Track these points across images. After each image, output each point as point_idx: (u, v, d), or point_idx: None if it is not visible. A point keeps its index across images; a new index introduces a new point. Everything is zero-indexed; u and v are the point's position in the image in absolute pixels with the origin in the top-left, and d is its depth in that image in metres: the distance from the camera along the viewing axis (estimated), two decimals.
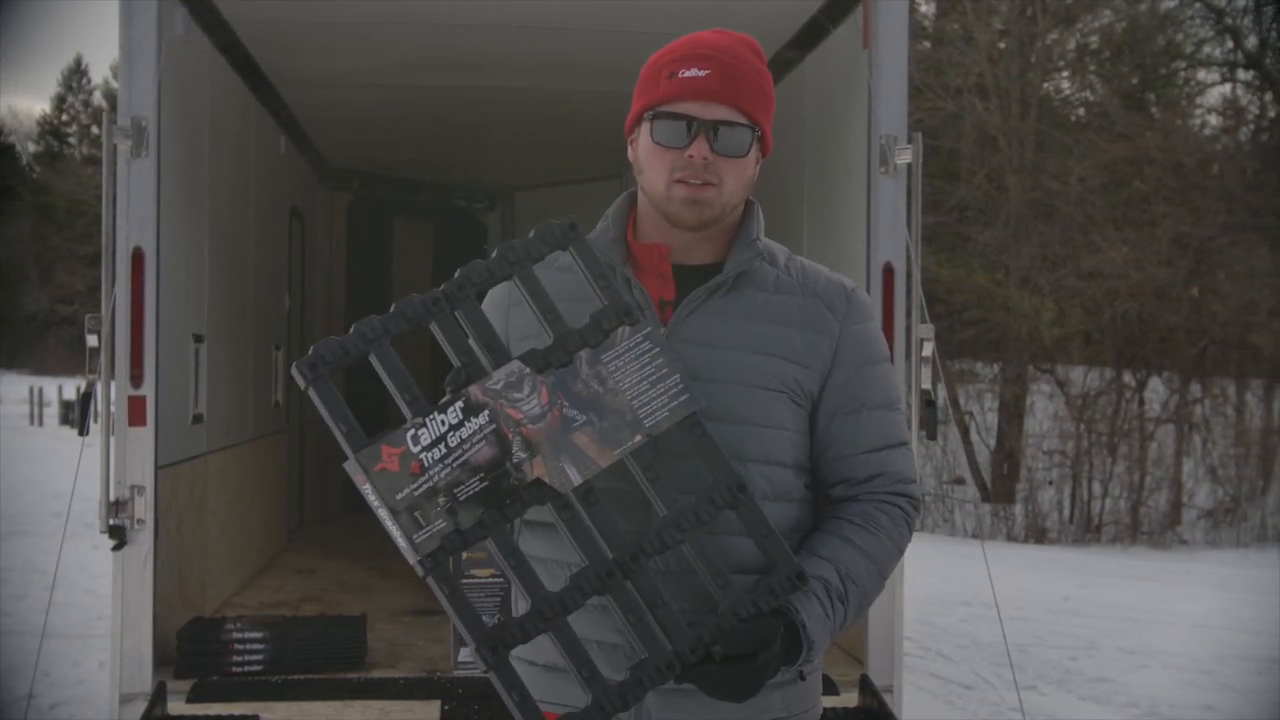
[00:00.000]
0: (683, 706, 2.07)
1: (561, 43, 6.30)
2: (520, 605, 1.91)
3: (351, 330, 1.90)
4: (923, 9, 23.00)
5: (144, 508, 4.60)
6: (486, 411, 1.88)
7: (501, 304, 2.18)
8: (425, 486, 1.84)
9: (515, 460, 1.88)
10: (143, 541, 4.60)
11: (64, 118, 70.33)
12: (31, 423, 33.57)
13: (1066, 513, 17.76)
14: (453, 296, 1.93)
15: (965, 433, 19.57)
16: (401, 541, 1.84)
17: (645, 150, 2.14)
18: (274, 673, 4.89)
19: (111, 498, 4.54)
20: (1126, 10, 21.53)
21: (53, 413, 35.02)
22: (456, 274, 1.95)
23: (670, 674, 1.88)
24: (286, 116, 7.95)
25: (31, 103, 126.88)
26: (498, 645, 1.85)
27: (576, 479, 1.89)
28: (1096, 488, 17.84)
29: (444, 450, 1.86)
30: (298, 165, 8.85)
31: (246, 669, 4.89)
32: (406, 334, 1.91)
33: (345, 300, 10.27)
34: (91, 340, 4.46)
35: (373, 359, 1.90)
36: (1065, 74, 22.61)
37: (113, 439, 4.55)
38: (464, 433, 1.87)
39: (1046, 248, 18.70)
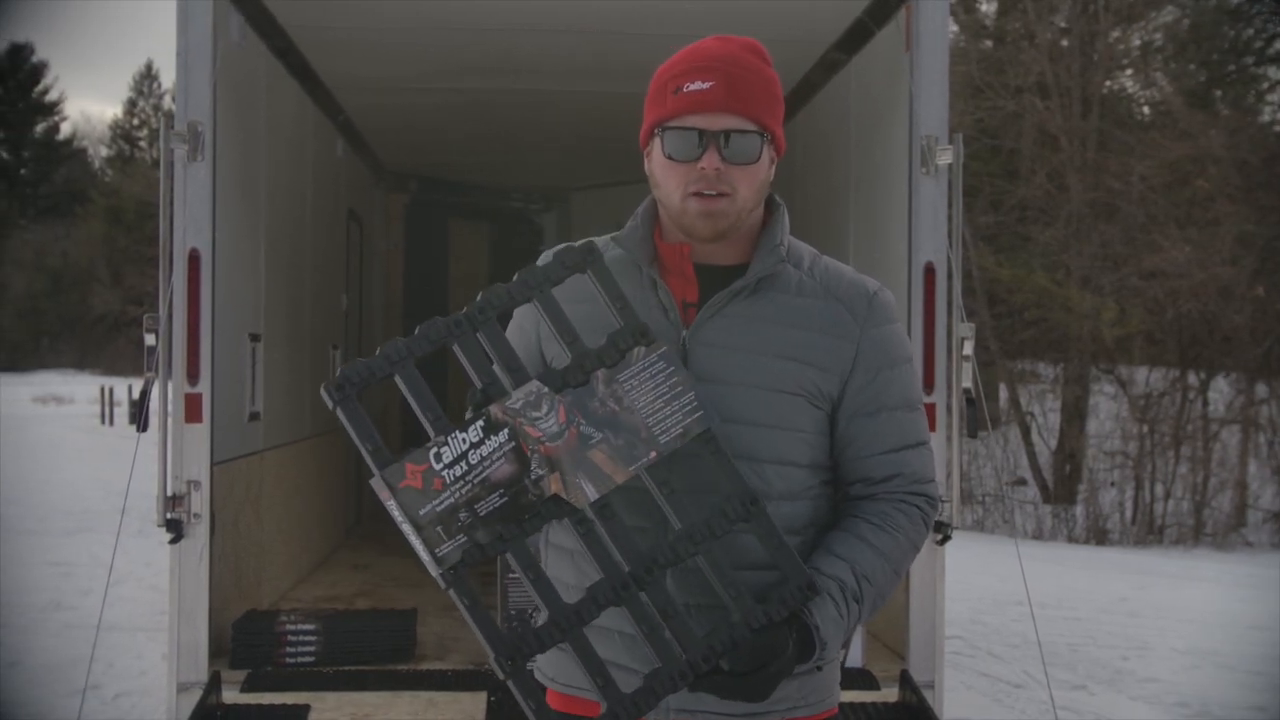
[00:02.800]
0: (700, 698, 2.13)
1: (611, 46, 6.38)
2: (539, 616, 1.99)
3: (378, 353, 1.99)
4: (984, 8, 22.89)
5: (199, 503, 4.72)
6: (506, 430, 1.96)
7: (534, 314, 2.19)
8: (447, 503, 1.93)
9: (534, 477, 1.96)
10: (198, 536, 4.73)
11: (134, 122, 71.42)
12: (102, 422, 34.12)
13: (1128, 514, 17.60)
14: (474, 319, 2.02)
15: (1026, 433, 19.46)
16: (424, 555, 1.93)
17: (659, 164, 2.19)
18: (325, 664, 5.01)
19: (168, 493, 4.67)
20: (1193, 6, 21.30)
21: (122, 412, 35.51)
22: (478, 298, 2.04)
23: (683, 683, 1.96)
24: (343, 120, 8.10)
25: (103, 107, 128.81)
26: (515, 655, 1.94)
27: (593, 495, 1.97)
28: (1159, 489, 17.67)
29: (465, 467, 1.94)
30: (355, 168, 9.00)
31: (299, 660, 5.02)
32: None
33: (402, 300, 10.42)
34: (149, 339, 4.59)
35: (398, 379, 1.99)
36: (1129, 72, 22.38)
37: (169, 435, 4.68)
38: (484, 450, 1.95)
39: (1108, 247, 18.54)
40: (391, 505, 1.93)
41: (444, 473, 1.93)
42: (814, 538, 2.19)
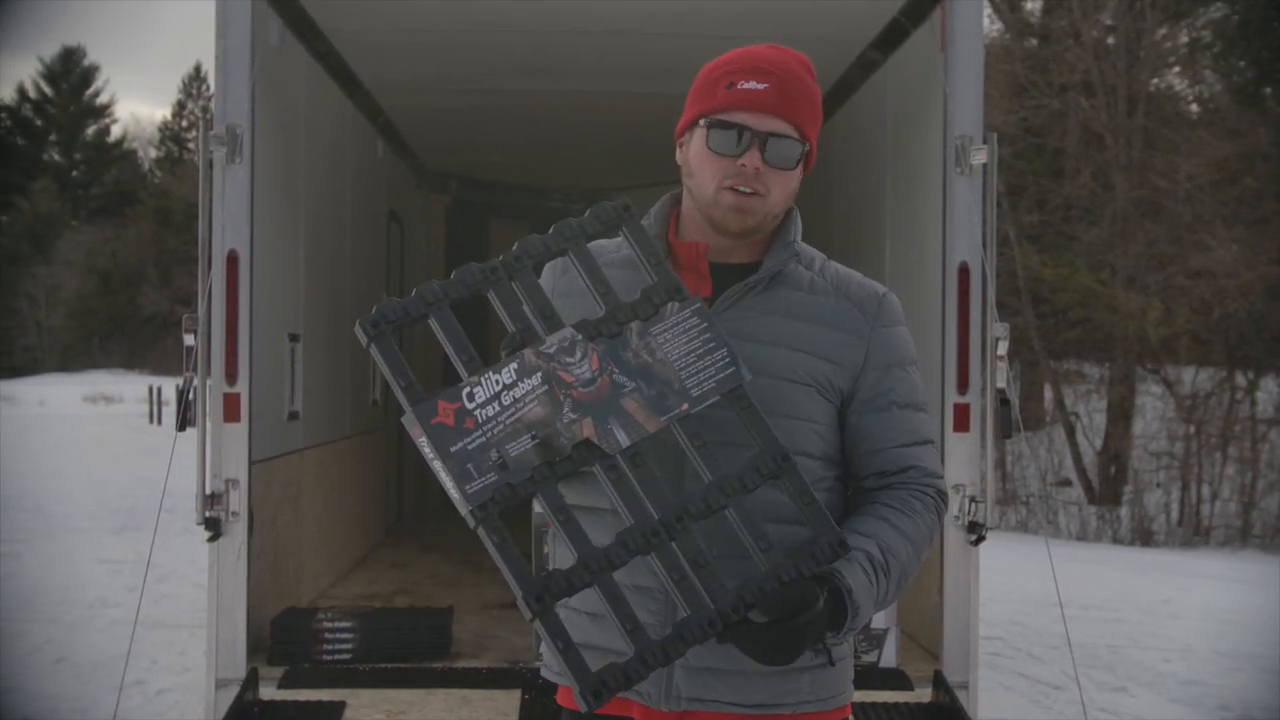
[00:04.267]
0: (712, 688, 2.15)
1: (650, 47, 6.40)
2: (566, 558, 1.98)
3: (413, 293, 2.01)
4: (1029, 6, 22.76)
5: (238, 501, 4.78)
6: (539, 374, 1.96)
7: (548, 291, 2.25)
8: (479, 441, 1.92)
9: (566, 420, 1.95)
10: (237, 534, 4.78)
11: (183, 123, 72.09)
12: (151, 421, 34.44)
13: (1174, 515, 17.45)
14: (510, 267, 2.03)
15: (1071, 434, 19.33)
16: (454, 492, 1.92)
17: (697, 155, 2.23)
18: (362, 661, 5.06)
19: (207, 491, 4.72)
20: (1242, 2, 21.09)
21: (170, 411, 35.71)
22: (515, 246, 2.05)
23: (712, 631, 1.93)
24: (384, 122, 8.15)
25: (153, 109, 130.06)
26: (543, 594, 1.91)
27: (625, 441, 1.96)
28: (1206, 490, 17.51)
29: (498, 407, 1.94)
30: (396, 169, 9.06)
31: (336, 657, 5.07)
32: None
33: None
34: (188, 339, 4.64)
35: (432, 321, 2.00)
36: (1175, 69, 22.19)
37: (208, 434, 4.74)
38: (517, 392, 1.95)
39: (1153, 246, 18.40)
40: (423, 441, 1.93)
41: (476, 412, 1.93)
42: None
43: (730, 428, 2.04)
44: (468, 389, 1.95)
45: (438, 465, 1.92)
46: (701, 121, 2.22)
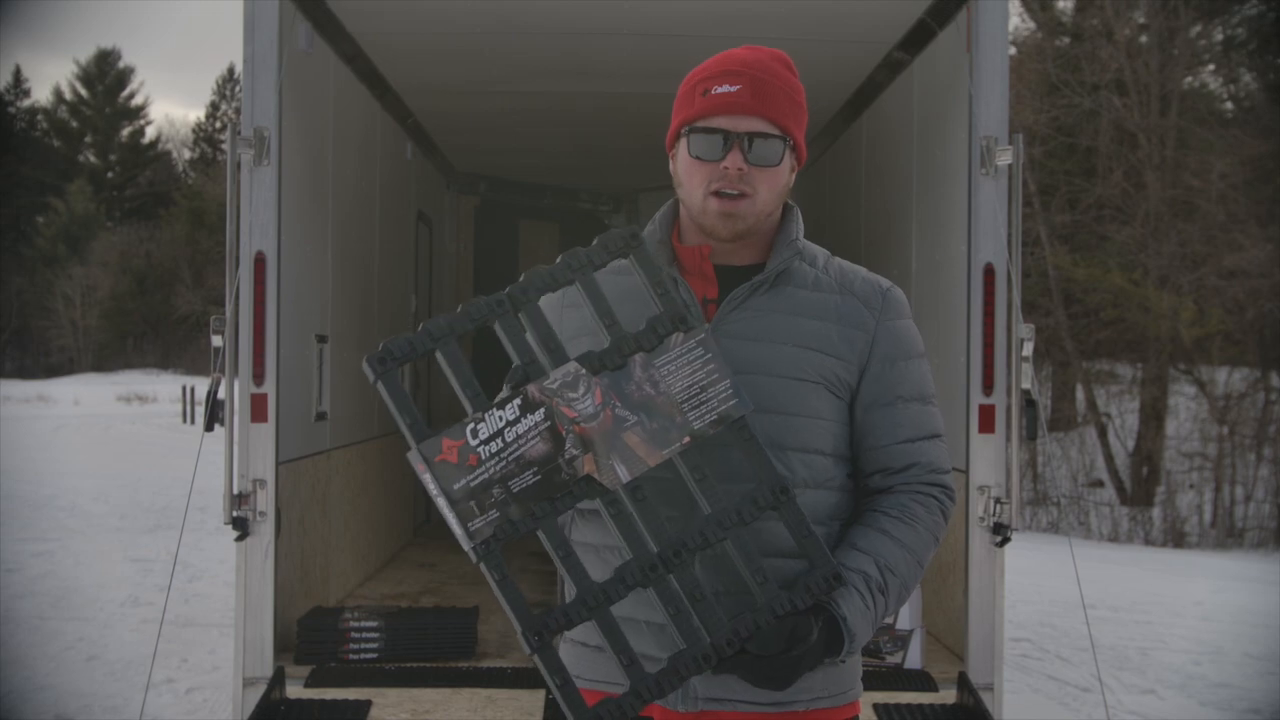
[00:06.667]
0: (729, 687, 2.17)
1: (679, 49, 6.39)
2: (567, 594, 2.02)
3: (420, 329, 2.04)
4: (1061, 4, 22.65)
5: (265, 501, 4.81)
6: (543, 409, 1.99)
7: (556, 304, 2.30)
8: (481, 478, 1.96)
9: (568, 456, 1.98)
10: (264, 533, 4.82)
11: (217, 125, 72.44)
12: (184, 420, 34.59)
13: (1207, 517, 17.34)
14: (516, 299, 2.05)
15: (1103, 434, 19.23)
16: (457, 529, 1.96)
17: (683, 164, 2.26)
18: (388, 660, 5.09)
19: (234, 491, 4.76)
20: None
21: (203, 411, 36.02)
22: (521, 278, 2.07)
23: (707, 665, 1.98)
24: (413, 124, 8.18)
25: (187, 110, 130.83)
26: (542, 630, 1.97)
27: (625, 477, 2.00)
28: (1239, 491, 17.39)
29: (500, 444, 1.98)
30: (424, 170, 9.09)
31: (362, 657, 5.10)
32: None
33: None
34: (216, 340, 4.68)
35: (439, 356, 2.03)
36: (1210, 67, 22.04)
37: (235, 435, 4.77)
38: (520, 428, 1.98)
39: (1186, 246, 18.28)
40: (427, 479, 1.97)
41: (479, 449, 1.97)
42: (839, 531, 2.23)
43: (734, 462, 2.07)
44: (472, 425, 1.98)
45: (442, 503, 1.97)
46: (683, 131, 2.26)
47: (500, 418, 1.99)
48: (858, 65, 6.49)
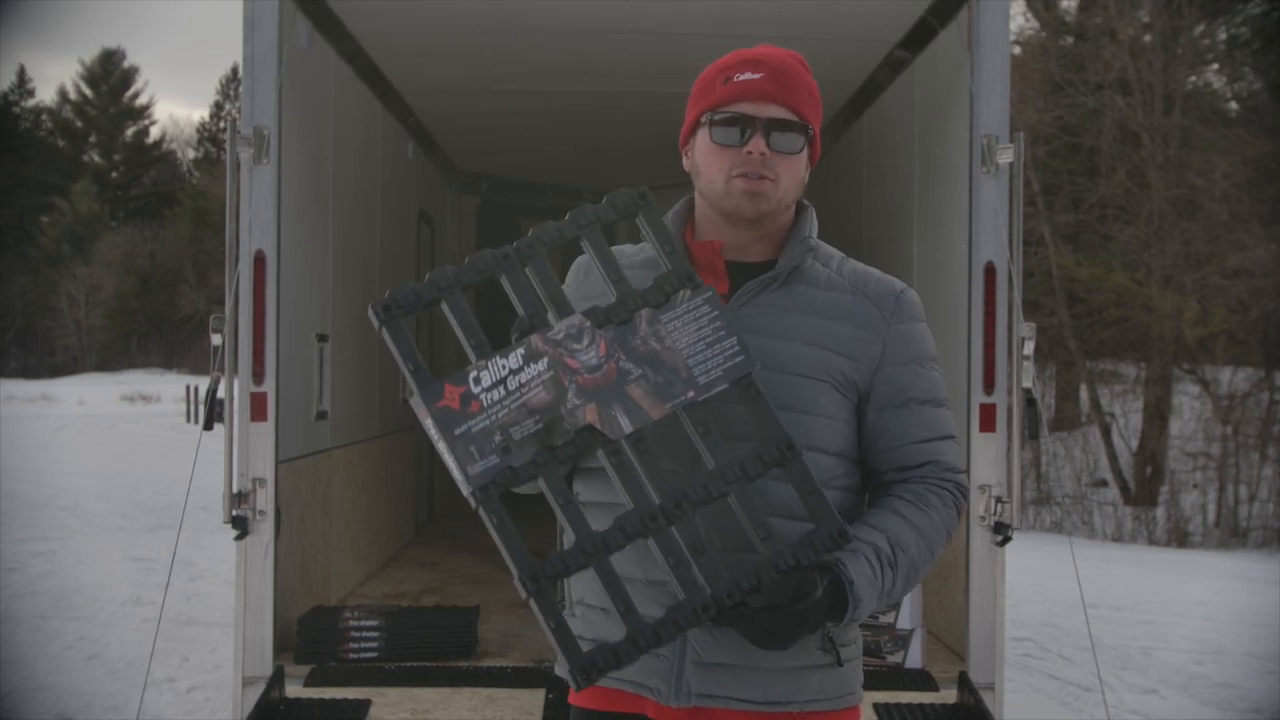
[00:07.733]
0: (723, 683, 2.16)
1: (681, 48, 6.38)
2: (566, 542, 1.99)
3: (426, 278, 2.03)
4: (1064, 3, 22.63)
5: (265, 500, 4.81)
6: (546, 359, 1.98)
7: (573, 282, 2.32)
8: (482, 424, 1.95)
9: (570, 406, 1.97)
10: (264, 532, 4.81)
11: (221, 125, 72.39)
12: (188, 420, 34.61)
13: (1210, 517, 17.32)
14: (523, 253, 2.05)
15: (1106, 434, 19.22)
16: (457, 473, 1.95)
17: (704, 152, 2.25)
18: (388, 660, 5.08)
19: (234, 490, 4.76)
20: None
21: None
22: (529, 232, 2.06)
23: (706, 616, 1.95)
24: (414, 123, 8.18)
25: (191, 110, 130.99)
26: (539, 575, 1.94)
27: (628, 427, 1.97)
28: (1243, 491, 17.37)
29: (503, 392, 1.97)
30: (426, 170, 9.09)
31: (362, 656, 5.09)
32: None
33: (475, 300, 10.51)
34: (215, 339, 4.67)
35: (444, 306, 2.02)
36: (1214, 67, 22.02)
37: (235, 434, 4.77)
38: (523, 377, 1.97)
39: (1189, 245, 18.27)
40: (428, 423, 1.96)
41: (482, 396, 1.96)
42: None
43: (741, 421, 2.04)
44: (474, 373, 1.97)
45: (442, 446, 1.95)
46: (704, 118, 2.25)
47: (503, 365, 1.98)
48: (859, 64, 6.48)
